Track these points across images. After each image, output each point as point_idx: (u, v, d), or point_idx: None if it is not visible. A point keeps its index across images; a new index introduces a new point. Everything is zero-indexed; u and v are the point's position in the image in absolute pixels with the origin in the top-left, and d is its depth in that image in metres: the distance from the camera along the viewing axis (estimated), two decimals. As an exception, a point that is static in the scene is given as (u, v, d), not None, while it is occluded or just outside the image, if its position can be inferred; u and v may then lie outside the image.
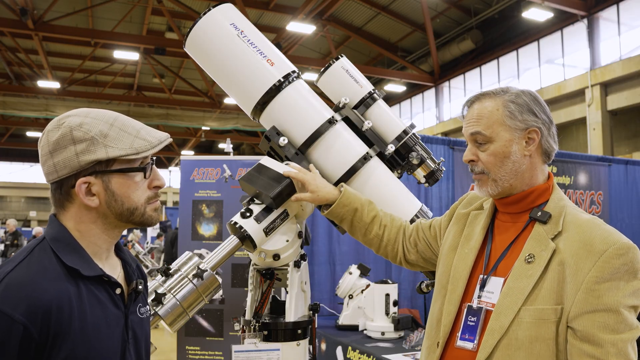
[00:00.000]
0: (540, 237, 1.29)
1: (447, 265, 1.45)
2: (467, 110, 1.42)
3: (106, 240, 1.14)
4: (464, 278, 1.38)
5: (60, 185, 1.09)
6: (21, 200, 33.43)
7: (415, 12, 15.75)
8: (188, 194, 4.48)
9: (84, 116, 1.10)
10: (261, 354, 1.63)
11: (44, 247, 1.07)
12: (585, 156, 6.78)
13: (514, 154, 1.33)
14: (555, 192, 1.37)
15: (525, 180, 1.36)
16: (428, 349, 1.42)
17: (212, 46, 1.73)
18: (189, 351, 4.27)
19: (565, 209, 1.32)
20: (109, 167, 1.09)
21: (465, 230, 1.47)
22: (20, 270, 1.00)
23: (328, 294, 4.56)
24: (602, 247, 1.20)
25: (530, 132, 1.34)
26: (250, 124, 19.00)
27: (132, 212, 1.12)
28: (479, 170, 1.38)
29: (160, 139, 1.14)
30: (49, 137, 1.08)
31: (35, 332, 0.95)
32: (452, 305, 1.37)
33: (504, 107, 1.34)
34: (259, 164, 1.72)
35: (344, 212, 1.67)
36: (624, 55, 12.48)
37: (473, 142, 1.38)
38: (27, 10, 12.90)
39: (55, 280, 1.01)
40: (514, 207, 1.38)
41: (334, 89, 2.01)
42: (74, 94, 18.56)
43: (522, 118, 1.33)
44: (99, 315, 1.06)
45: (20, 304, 0.95)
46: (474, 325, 1.31)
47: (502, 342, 1.23)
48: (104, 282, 1.10)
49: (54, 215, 1.12)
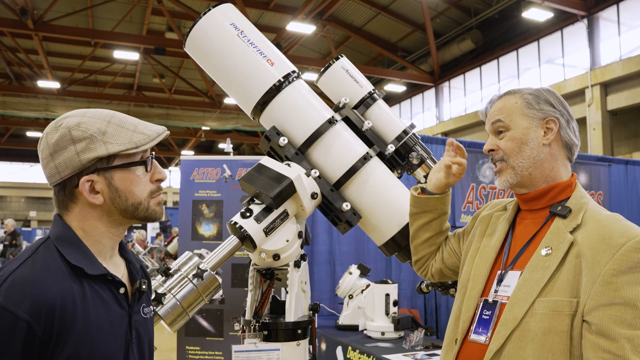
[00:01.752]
0: (558, 231, 1.29)
1: (469, 264, 1.47)
2: (488, 110, 1.48)
3: (111, 238, 1.14)
4: (484, 274, 1.39)
5: (63, 187, 1.09)
6: (21, 200, 33.42)
7: (415, 12, 15.75)
8: (188, 194, 4.48)
9: (80, 116, 1.11)
10: (261, 354, 1.63)
11: (49, 246, 1.07)
12: (585, 156, 6.78)
13: (531, 141, 1.37)
14: (577, 189, 1.38)
15: (545, 172, 1.37)
16: (447, 346, 1.43)
17: (212, 46, 1.73)
18: (189, 351, 4.27)
19: (586, 205, 1.33)
20: (110, 163, 1.09)
21: (488, 230, 1.50)
22: (24, 268, 1.01)
23: (328, 294, 4.57)
24: (621, 240, 1.18)
25: (548, 121, 1.38)
26: (250, 124, 19.00)
27: (136, 207, 1.13)
28: (498, 157, 1.41)
29: (158, 132, 1.15)
30: (48, 139, 1.09)
31: (39, 330, 0.96)
32: (472, 301, 1.38)
33: (522, 98, 1.41)
34: (259, 164, 1.72)
35: (440, 207, 1.62)
36: (624, 55, 12.48)
37: (494, 133, 1.43)
38: (27, 10, 12.90)
39: (60, 279, 1.02)
40: (535, 203, 1.40)
41: (334, 89, 2.01)
42: (74, 94, 18.56)
43: (539, 107, 1.38)
44: (103, 314, 1.06)
45: (24, 301, 0.96)
46: (488, 318, 1.32)
47: (514, 333, 1.23)
48: (108, 282, 1.10)
49: (58, 215, 1.13)
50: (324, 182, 1.74)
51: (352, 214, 1.74)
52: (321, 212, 1.82)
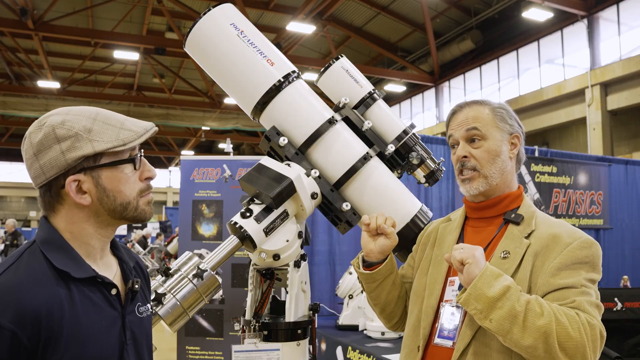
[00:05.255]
0: (514, 237, 1.39)
1: (422, 274, 1.52)
2: (453, 117, 1.53)
3: (99, 239, 1.11)
4: (441, 281, 1.45)
5: (49, 188, 1.06)
6: (21, 200, 33.43)
7: (415, 12, 15.75)
8: (188, 194, 4.48)
9: (65, 114, 1.07)
10: (261, 354, 1.63)
11: (34, 250, 1.04)
12: (585, 156, 6.79)
13: (503, 154, 1.46)
14: (525, 199, 1.50)
15: (506, 183, 1.48)
16: (407, 355, 1.47)
17: (212, 46, 1.73)
18: (189, 351, 4.28)
19: (535, 213, 1.45)
20: (97, 162, 1.06)
21: (437, 241, 1.56)
22: (7, 275, 0.98)
23: (328, 294, 4.56)
24: (569, 240, 1.33)
25: (514, 137, 1.49)
26: (250, 124, 18.99)
27: (125, 207, 1.09)
28: (471, 165, 1.46)
29: (146, 128, 1.12)
30: (31, 139, 1.05)
31: (24, 338, 0.93)
32: (431, 307, 1.43)
33: (494, 112, 1.48)
34: (259, 164, 1.72)
35: (394, 264, 1.59)
36: (624, 55, 12.48)
37: (466, 141, 1.48)
38: (27, 10, 12.90)
39: (45, 284, 0.98)
40: (490, 211, 1.48)
41: (334, 89, 2.01)
42: (74, 94, 18.56)
43: (510, 123, 1.48)
44: (93, 318, 1.03)
45: (7, 309, 0.93)
46: (454, 321, 1.38)
47: (479, 331, 1.30)
48: (98, 283, 1.07)
49: (45, 217, 1.09)
50: (324, 182, 1.73)
51: (352, 214, 1.74)
52: (321, 212, 1.82)
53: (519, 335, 1.19)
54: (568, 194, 6.04)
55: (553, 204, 5.93)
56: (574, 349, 1.17)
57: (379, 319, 1.70)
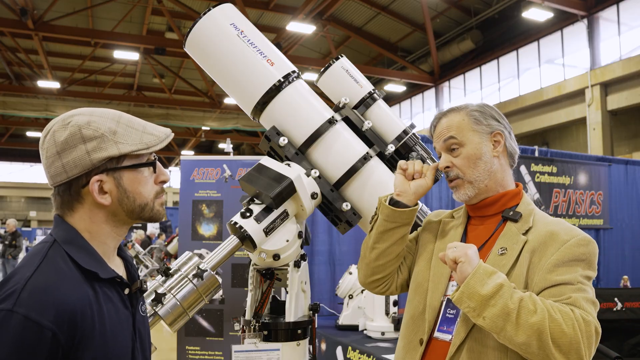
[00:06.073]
0: (512, 233, 1.41)
1: (424, 265, 1.53)
2: (434, 128, 1.55)
3: (115, 238, 1.13)
4: (446, 275, 1.46)
5: (69, 186, 1.06)
6: (21, 200, 33.44)
7: (415, 12, 15.75)
8: (188, 194, 4.48)
9: (89, 114, 1.08)
10: (261, 354, 1.63)
11: (57, 249, 1.04)
12: (585, 156, 6.78)
13: (484, 155, 1.47)
14: (524, 197, 1.51)
15: (498, 181, 1.49)
16: (407, 346, 1.47)
17: (212, 46, 1.73)
18: (189, 351, 4.27)
19: (533, 211, 1.46)
20: (119, 163, 1.08)
21: (440, 234, 1.57)
22: (40, 275, 0.98)
23: (328, 294, 4.56)
24: (566, 237, 1.34)
25: (495, 135, 1.49)
26: (250, 124, 19.00)
27: (142, 208, 1.12)
28: (454, 174, 1.48)
29: (167, 134, 1.16)
30: (55, 137, 1.05)
31: (62, 337, 0.94)
32: (436, 300, 1.44)
33: (468, 116, 1.50)
34: (259, 164, 1.72)
35: (413, 217, 1.54)
36: (624, 55, 12.49)
37: (447, 150, 1.50)
38: (27, 10, 12.91)
39: (76, 284, 1.00)
40: (487, 210, 1.50)
41: (334, 89, 2.01)
42: (74, 94, 18.56)
43: (487, 123, 1.49)
44: (114, 317, 1.06)
45: (48, 310, 0.94)
46: (453, 317, 1.39)
47: (474, 328, 1.32)
48: (116, 283, 1.10)
49: (59, 216, 1.09)
50: (324, 182, 1.74)
51: (352, 214, 1.74)
52: (321, 212, 1.82)
53: (512, 332, 1.20)
54: (568, 194, 6.04)
55: (553, 204, 5.93)
56: (567, 345, 1.18)
57: (362, 269, 1.60)
